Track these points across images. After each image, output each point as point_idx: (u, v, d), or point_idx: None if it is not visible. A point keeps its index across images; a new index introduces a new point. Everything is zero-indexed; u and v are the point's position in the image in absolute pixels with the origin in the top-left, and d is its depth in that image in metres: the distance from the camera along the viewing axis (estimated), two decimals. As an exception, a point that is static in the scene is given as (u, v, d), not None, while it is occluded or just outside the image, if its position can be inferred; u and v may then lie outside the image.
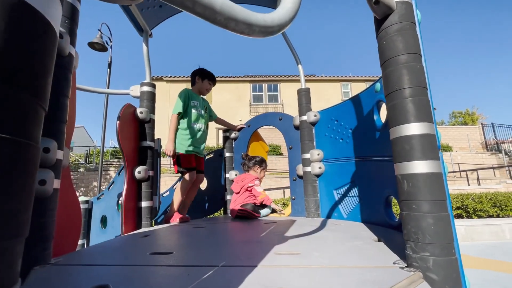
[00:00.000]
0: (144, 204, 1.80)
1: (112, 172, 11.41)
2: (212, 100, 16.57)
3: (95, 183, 11.42)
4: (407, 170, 0.71)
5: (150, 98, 2.01)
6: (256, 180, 2.21)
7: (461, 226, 6.24)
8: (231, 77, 16.98)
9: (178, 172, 2.23)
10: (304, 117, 2.08)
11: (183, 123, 2.38)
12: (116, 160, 13.41)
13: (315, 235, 1.19)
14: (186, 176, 2.16)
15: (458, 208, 6.95)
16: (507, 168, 10.44)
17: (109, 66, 8.60)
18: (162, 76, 16.87)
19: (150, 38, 2.15)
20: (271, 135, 14.56)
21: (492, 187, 8.06)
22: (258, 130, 2.65)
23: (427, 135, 0.70)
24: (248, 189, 2.16)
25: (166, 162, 12.52)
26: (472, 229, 6.20)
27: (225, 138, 2.65)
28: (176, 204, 2.18)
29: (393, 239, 1.04)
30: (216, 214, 2.72)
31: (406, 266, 0.69)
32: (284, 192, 9.62)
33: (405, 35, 0.77)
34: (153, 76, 17.31)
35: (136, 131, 1.88)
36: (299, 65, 2.23)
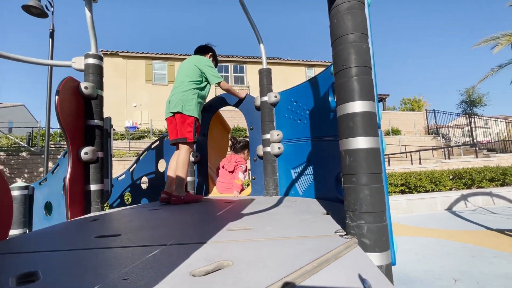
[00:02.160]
0: (93, 187, 1.67)
1: None
2: (174, 79, 15.70)
3: (41, 169, 10.30)
4: (350, 146, 0.75)
5: (97, 72, 1.81)
6: (243, 165, 2.45)
7: (404, 200, 7.07)
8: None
9: (191, 141, 2.03)
10: (265, 98, 2.08)
11: (205, 90, 2.21)
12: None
13: (269, 212, 1.23)
14: (191, 147, 2.08)
15: (402, 184, 7.83)
16: (443, 150, 11.93)
17: (51, 35, 7.52)
18: (118, 51, 15.35)
19: (94, 3, 1.89)
20: (236, 117, 14.43)
21: (430, 166, 9.18)
22: (229, 113, 2.60)
23: (369, 113, 0.75)
24: (236, 169, 2.39)
25: (125, 145, 11.74)
26: (412, 203, 7.07)
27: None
28: (184, 182, 2.02)
29: (339, 212, 1.12)
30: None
31: (346, 234, 0.75)
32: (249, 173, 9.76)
33: (354, 14, 0.79)
34: (107, 50, 15.75)
35: (81, 109, 1.69)
36: (261, 44, 2.19)
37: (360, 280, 0.54)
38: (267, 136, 2.03)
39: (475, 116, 14.07)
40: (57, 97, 1.42)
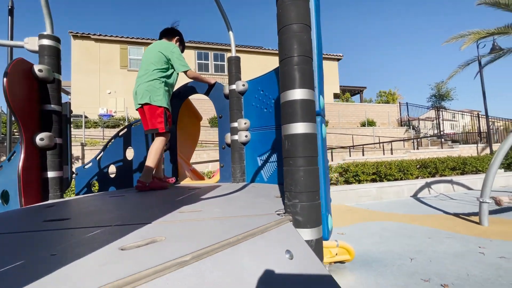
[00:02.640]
0: (51, 174, 1.62)
1: None
2: (152, 66, 15.07)
3: (4, 157, 9.64)
4: (289, 131, 0.80)
5: (53, 55, 1.71)
6: None
7: (374, 188, 7.49)
8: (173, 41, 15.54)
9: (163, 131, 2.03)
10: (233, 86, 2.09)
11: (172, 78, 2.15)
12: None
13: (227, 196, 1.28)
14: (166, 137, 2.10)
15: (374, 173, 8.26)
16: (412, 141, 12.63)
17: (11, 12, 6.90)
18: (89, 34, 14.39)
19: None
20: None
21: (400, 156, 9.71)
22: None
23: (307, 101, 0.80)
24: None
25: (99, 133, 11.22)
26: (382, 190, 7.50)
27: (153, 106, 2.49)
28: (152, 169, 2.03)
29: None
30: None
31: (284, 213, 0.81)
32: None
33: (297, 6, 0.82)
34: (77, 32, 14.69)
35: (35, 93, 1.61)
36: (230, 32, 2.18)
37: (284, 251, 0.59)
38: (235, 124, 2.06)
39: (443, 110, 14.96)
40: (5, 79, 1.34)
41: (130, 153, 2.46)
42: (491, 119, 12.61)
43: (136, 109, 2.13)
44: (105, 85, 14.53)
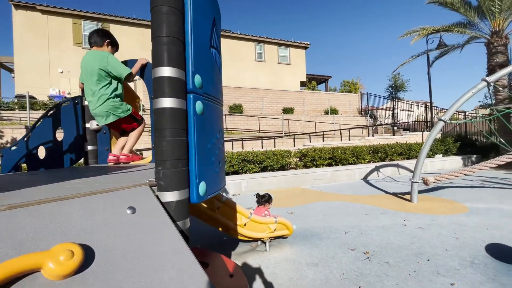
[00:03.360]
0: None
1: (9, 131, 8.47)
2: (110, 45, 13.98)
3: None
4: (157, 105, 0.88)
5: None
6: (266, 211, 3.16)
7: (329, 172, 8.01)
8: (134, 19, 14.52)
9: (141, 124, 2.46)
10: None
11: (120, 87, 2.27)
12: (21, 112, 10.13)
13: (129, 170, 1.34)
14: (143, 123, 2.46)
15: (330, 158, 8.80)
16: (368, 128, 13.55)
17: None
18: (34, 4, 12.84)
19: None
20: (234, 95, 13.85)
21: (356, 142, 10.41)
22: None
23: (175, 78, 0.88)
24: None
25: (22, 115, 10.12)
26: (336, 174, 8.06)
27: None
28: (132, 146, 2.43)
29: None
30: (76, 165, 2.59)
31: (152, 180, 0.91)
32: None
33: (167, -12, 0.88)
34: (19, 1, 13.07)
35: None
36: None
37: (126, 207, 0.69)
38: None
39: (398, 100, 16.14)
40: None
41: (59, 134, 2.38)
42: (437, 110, 13.94)
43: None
44: (56, 63, 13.25)
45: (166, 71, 0.86)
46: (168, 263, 0.63)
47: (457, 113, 13.37)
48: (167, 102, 0.86)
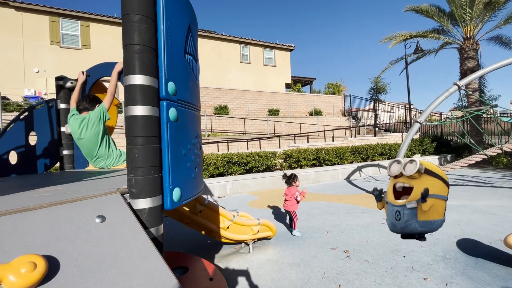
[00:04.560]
0: None
1: None
2: (91, 45, 13.57)
3: None
4: (129, 113, 0.88)
5: None
6: (297, 193, 3.41)
7: (313, 172, 8.16)
8: (116, 18, 14.13)
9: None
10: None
11: (104, 127, 2.32)
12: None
13: (104, 178, 1.32)
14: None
15: (314, 159, 8.95)
16: (350, 129, 13.92)
17: None
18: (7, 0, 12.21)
19: None
20: (221, 96, 13.67)
21: (339, 143, 10.66)
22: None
23: (146, 86, 0.89)
24: (293, 197, 3.41)
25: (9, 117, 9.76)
26: (319, 174, 8.22)
27: (59, 87, 2.33)
28: None
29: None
30: (52, 170, 2.50)
31: (125, 187, 0.91)
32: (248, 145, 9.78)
33: (139, -3, 0.88)
34: (-13, -4, 12.23)
35: None
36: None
37: (96, 216, 0.69)
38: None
39: (380, 102, 16.69)
40: None
41: (32, 139, 2.29)
42: (417, 111, 14.56)
43: None
44: (31, 62, 12.65)
45: (138, 79, 0.86)
46: (137, 270, 0.64)
47: (433, 114, 14.03)
48: (139, 110, 0.86)
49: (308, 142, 10.91)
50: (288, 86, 18.80)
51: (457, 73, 10.89)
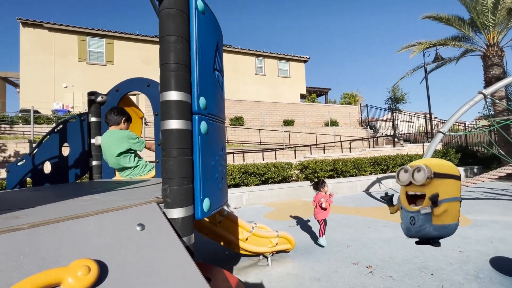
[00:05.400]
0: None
1: (12, 145, 8.47)
2: (114, 60, 14.38)
3: None
4: (165, 127, 0.94)
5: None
6: (323, 199, 3.34)
7: (330, 184, 7.98)
8: (137, 35, 14.97)
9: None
10: (168, 85, 2.19)
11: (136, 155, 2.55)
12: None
13: (132, 187, 1.38)
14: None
15: (331, 170, 8.79)
16: (368, 140, 13.61)
17: None
18: (42, 22, 13.30)
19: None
20: (236, 108, 14.07)
21: (357, 154, 10.43)
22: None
23: (181, 101, 0.94)
24: (319, 203, 3.35)
25: (26, 129, 10.26)
26: (337, 186, 8.04)
27: (91, 102, 2.50)
28: None
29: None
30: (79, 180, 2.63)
31: (159, 197, 0.95)
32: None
33: (175, 20, 0.95)
34: (27, 19, 13.58)
35: None
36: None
37: (136, 224, 0.73)
38: (169, 121, 2.15)
39: (398, 111, 16.28)
40: None
41: (65, 150, 2.44)
42: (438, 121, 14.04)
43: None
44: (60, 78, 13.56)
45: (173, 95, 0.93)
46: (174, 278, 0.67)
47: (456, 124, 13.46)
48: (174, 124, 0.92)
49: (324, 153, 10.76)
50: (303, 96, 18.82)
51: (478, 80, 10.47)
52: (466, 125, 13.95)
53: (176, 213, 0.88)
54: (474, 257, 2.95)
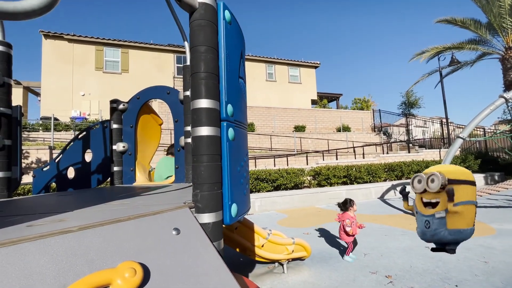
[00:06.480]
0: None
1: (34, 152, 8.89)
2: (129, 69, 14.84)
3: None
4: (195, 133, 0.97)
5: (4, 60, 1.78)
6: (348, 220, 3.15)
7: (344, 191, 7.86)
8: (152, 44, 15.43)
9: None
10: (187, 93, 2.24)
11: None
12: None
13: (159, 193, 1.41)
14: None
15: (344, 176, 8.65)
16: (382, 145, 13.34)
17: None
18: (62, 33, 13.95)
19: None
20: (247, 113, 14.27)
21: (370, 160, 10.24)
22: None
23: (210, 109, 0.97)
24: (343, 224, 3.18)
25: (70, 136, 10.86)
26: (351, 192, 7.89)
27: (113, 109, 2.58)
28: None
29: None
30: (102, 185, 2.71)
31: (190, 202, 0.97)
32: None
33: (205, 31, 0.99)
34: (49, 32, 14.27)
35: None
36: (185, 42, 2.33)
37: (172, 228, 0.75)
38: (188, 128, 2.19)
39: (412, 116, 15.92)
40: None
41: (88, 156, 2.53)
42: (454, 126, 13.62)
43: None
44: (78, 87, 14.10)
45: (204, 103, 0.95)
46: (210, 282, 0.68)
47: (475, 129, 13.02)
48: (205, 131, 0.94)
49: (337, 159, 10.62)
50: (314, 102, 18.74)
51: (494, 84, 10.14)
52: (485, 130, 13.45)
53: (207, 218, 0.90)
54: (501, 268, 2.81)
